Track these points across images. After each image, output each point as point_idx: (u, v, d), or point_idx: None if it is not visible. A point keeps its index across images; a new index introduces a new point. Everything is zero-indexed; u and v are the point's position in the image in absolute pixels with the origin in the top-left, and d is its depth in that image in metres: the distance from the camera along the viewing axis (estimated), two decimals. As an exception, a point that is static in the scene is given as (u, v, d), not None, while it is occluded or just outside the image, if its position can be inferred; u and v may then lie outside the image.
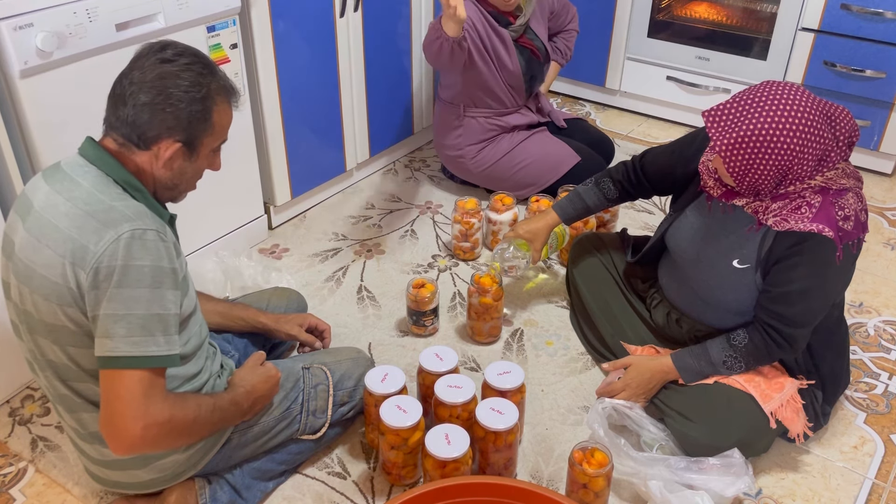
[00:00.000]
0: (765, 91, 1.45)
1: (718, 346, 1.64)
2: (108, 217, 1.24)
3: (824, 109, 1.46)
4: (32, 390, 1.88)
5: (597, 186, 1.95)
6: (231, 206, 2.31)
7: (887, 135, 2.76)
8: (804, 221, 1.48)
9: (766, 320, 1.58)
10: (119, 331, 1.23)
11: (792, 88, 1.45)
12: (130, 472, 1.45)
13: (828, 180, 1.49)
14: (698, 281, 1.70)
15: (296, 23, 2.27)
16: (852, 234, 1.49)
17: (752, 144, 1.43)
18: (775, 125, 1.41)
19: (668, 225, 1.79)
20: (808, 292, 1.52)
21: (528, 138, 2.59)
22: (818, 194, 1.49)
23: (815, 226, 1.47)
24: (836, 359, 1.71)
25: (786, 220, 1.50)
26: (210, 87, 1.31)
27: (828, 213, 1.48)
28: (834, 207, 1.48)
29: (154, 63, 1.27)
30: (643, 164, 1.88)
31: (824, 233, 1.46)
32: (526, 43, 2.49)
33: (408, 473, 1.62)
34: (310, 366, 1.65)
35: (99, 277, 1.22)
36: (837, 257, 1.48)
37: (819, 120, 1.43)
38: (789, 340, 1.57)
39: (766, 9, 2.91)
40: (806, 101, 1.43)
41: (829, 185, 1.49)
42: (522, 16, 2.45)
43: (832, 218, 1.47)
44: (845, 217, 1.48)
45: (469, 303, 2.00)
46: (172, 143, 1.30)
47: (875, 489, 1.66)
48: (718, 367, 1.64)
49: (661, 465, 1.55)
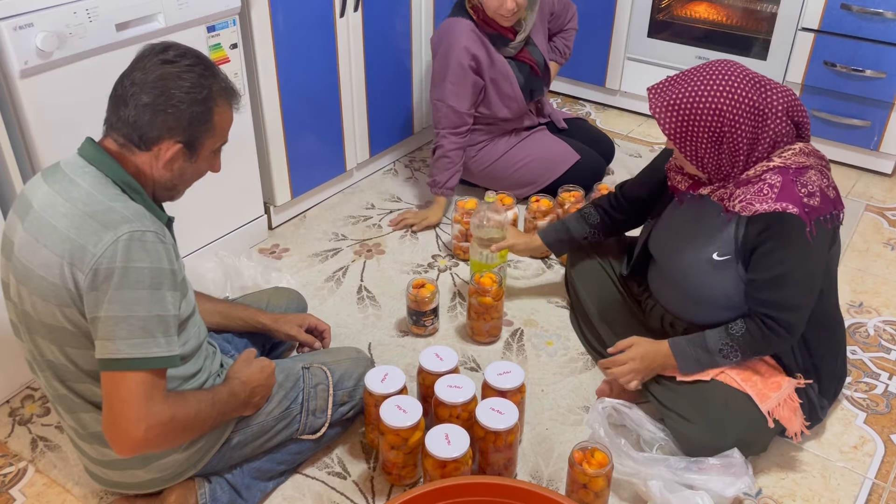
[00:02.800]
0: (702, 66, 1.56)
1: (716, 334, 1.64)
2: (108, 218, 1.24)
3: (755, 78, 1.53)
4: (32, 390, 1.88)
5: (579, 213, 2.00)
6: (231, 206, 2.31)
7: (887, 135, 2.76)
8: (768, 202, 1.50)
9: (759, 309, 1.58)
10: (120, 333, 1.23)
11: (725, 62, 1.55)
12: (130, 472, 1.45)
13: (785, 160, 1.52)
14: (684, 281, 1.71)
15: (296, 23, 2.27)
16: (821, 209, 1.50)
17: (682, 107, 1.51)
18: (701, 88, 1.50)
19: (647, 233, 1.83)
20: (791, 273, 1.52)
21: (528, 137, 2.60)
22: (778, 174, 1.52)
23: (778, 205, 1.49)
24: (832, 355, 1.71)
25: (751, 203, 1.52)
26: (211, 88, 1.31)
27: (790, 191, 1.50)
28: (796, 185, 1.50)
29: (156, 64, 1.28)
30: (622, 188, 1.96)
31: (788, 210, 1.48)
32: (526, 58, 2.47)
33: (408, 473, 1.62)
34: (310, 365, 1.65)
35: (98, 279, 1.22)
36: (808, 233, 1.49)
37: (748, 86, 1.50)
38: (785, 327, 1.56)
39: (766, 9, 2.91)
40: (735, 70, 1.53)
41: (787, 165, 1.52)
42: (522, 31, 2.43)
43: (795, 195, 1.49)
44: (809, 193, 1.50)
45: (469, 303, 2.00)
46: (173, 144, 1.30)
47: (875, 489, 1.66)
48: (714, 354, 1.63)
49: (661, 465, 1.55)
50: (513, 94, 2.46)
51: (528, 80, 2.48)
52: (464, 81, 2.36)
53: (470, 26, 2.34)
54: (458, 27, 2.34)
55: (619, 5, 3.11)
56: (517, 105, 2.49)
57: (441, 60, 2.37)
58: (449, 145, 2.43)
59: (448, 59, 2.34)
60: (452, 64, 2.33)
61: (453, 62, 2.33)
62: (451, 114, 2.39)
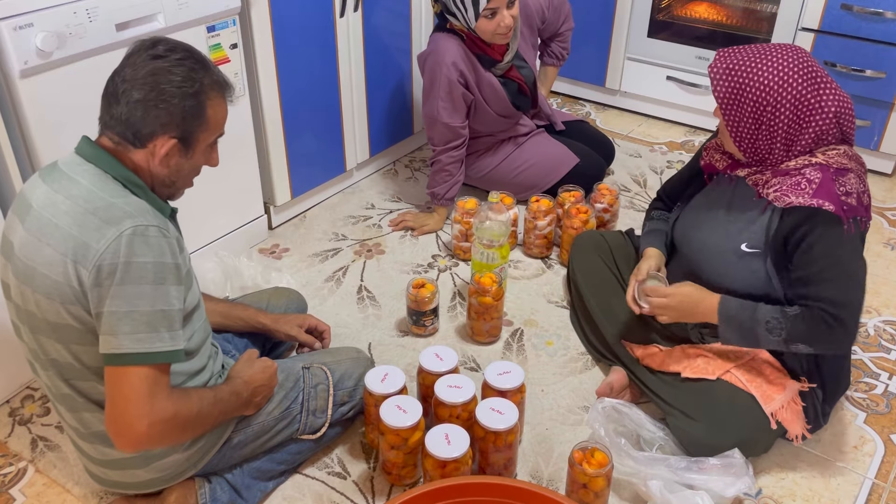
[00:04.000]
0: (773, 45, 1.55)
1: (769, 308, 1.58)
2: (110, 214, 1.24)
3: (815, 72, 1.52)
4: (32, 390, 1.88)
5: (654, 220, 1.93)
6: (231, 206, 2.31)
7: (887, 135, 2.76)
8: (804, 196, 1.49)
9: (813, 303, 1.52)
10: (124, 328, 1.23)
11: (796, 49, 1.54)
12: (130, 472, 1.45)
13: (828, 158, 1.51)
14: (707, 271, 1.69)
15: (296, 23, 2.27)
16: (857, 209, 1.49)
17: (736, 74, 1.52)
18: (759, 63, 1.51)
19: (675, 218, 1.82)
20: (837, 266, 1.50)
21: (526, 142, 2.59)
22: (818, 171, 1.51)
23: (815, 201, 1.48)
24: (837, 360, 1.70)
25: (786, 195, 1.51)
26: (203, 81, 1.30)
27: (828, 188, 1.48)
28: (835, 184, 1.49)
29: (146, 59, 1.27)
30: (664, 187, 1.97)
31: (825, 207, 1.47)
32: (514, 76, 2.44)
33: (408, 473, 1.62)
34: (310, 365, 1.65)
35: (101, 275, 1.22)
36: (846, 230, 1.47)
37: (802, 75, 1.51)
38: (841, 323, 1.50)
39: (766, 9, 2.91)
40: (799, 57, 1.52)
41: (829, 164, 1.51)
42: (510, 52, 2.38)
43: (833, 193, 1.48)
44: (846, 192, 1.49)
45: (469, 302, 2.00)
46: (167, 139, 1.29)
47: (875, 489, 1.66)
48: (760, 324, 1.56)
49: (661, 465, 1.55)
50: (501, 111, 2.44)
51: (515, 97, 2.46)
52: (454, 96, 2.33)
53: (457, 42, 2.31)
54: (446, 44, 2.30)
55: (619, 5, 3.11)
56: (506, 120, 2.49)
57: (429, 77, 2.35)
58: (447, 159, 2.42)
59: (436, 75, 2.31)
60: (441, 80, 2.30)
61: (442, 78, 2.30)
62: (446, 130, 2.38)
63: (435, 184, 2.47)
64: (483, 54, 2.34)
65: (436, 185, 2.47)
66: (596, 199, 2.44)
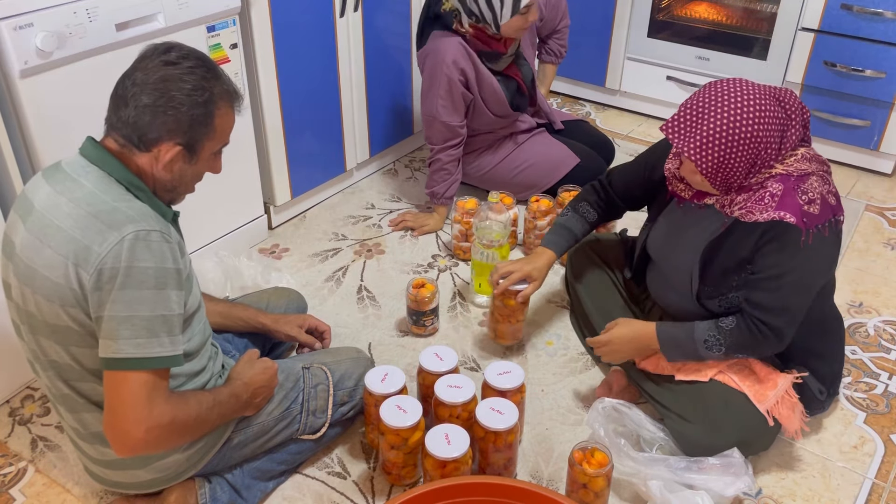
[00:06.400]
0: (713, 90, 1.49)
1: (705, 324, 1.63)
2: (112, 218, 1.24)
3: (772, 92, 1.50)
4: (32, 390, 1.88)
5: (576, 213, 1.95)
6: (231, 206, 2.31)
7: (887, 135, 2.76)
8: (767, 211, 1.50)
9: (749, 310, 1.57)
10: (123, 332, 1.23)
11: (737, 82, 1.50)
12: (130, 473, 1.45)
13: (788, 167, 1.52)
14: (681, 285, 1.71)
15: (296, 23, 2.27)
16: (820, 216, 1.50)
17: (719, 140, 1.46)
18: (735, 116, 1.45)
19: (646, 235, 1.82)
20: (783, 277, 1.52)
21: (527, 141, 2.59)
22: (779, 182, 1.51)
23: (777, 213, 1.49)
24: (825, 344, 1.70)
25: (751, 211, 1.52)
26: (213, 91, 1.30)
27: (791, 199, 1.50)
28: (797, 193, 1.50)
29: (158, 65, 1.27)
30: (610, 182, 1.92)
31: (786, 219, 1.48)
32: (514, 74, 2.45)
33: (408, 473, 1.62)
34: (310, 366, 1.65)
35: (102, 279, 1.22)
36: (803, 242, 1.48)
37: (771, 102, 1.48)
38: (773, 330, 1.55)
39: (766, 9, 2.91)
40: (755, 89, 1.49)
41: (790, 172, 1.51)
42: (514, 44, 2.38)
43: (795, 204, 1.49)
44: (809, 201, 1.50)
45: (493, 305, 1.96)
46: (173, 145, 1.29)
47: (875, 489, 1.66)
48: (698, 344, 1.62)
49: (661, 465, 1.55)
50: (498, 111, 2.44)
51: (513, 96, 2.46)
52: (454, 95, 2.32)
53: (458, 41, 2.30)
54: (446, 43, 2.30)
55: (619, 5, 3.11)
56: (504, 120, 2.49)
57: (429, 75, 2.34)
58: (446, 158, 2.42)
59: (437, 73, 2.30)
60: (441, 78, 2.30)
61: (442, 77, 2.29)
62: (444, 129, 2.37)
63: (434, 183, 2.47)
64: (487, 50, 2.34)
65: (434, 184, 2.47)
66: (596, 199, 2.43)
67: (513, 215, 2.36)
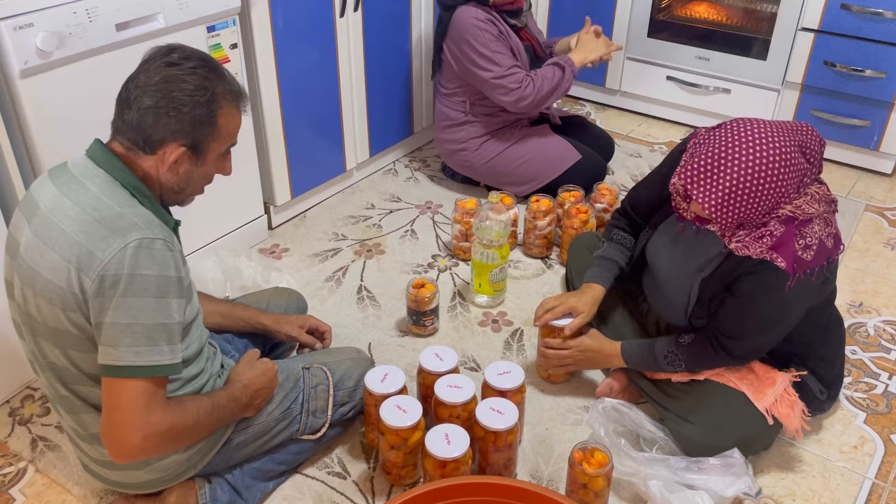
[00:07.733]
0: (735, 137, 1.43)
1: (665, 341, 1.67)
2: (117, 224, 1.24)
3: (794, 138, 1.45)
4: (32, 390, 1.88)
5: (612, 242, 1.89)
6: (231, 206, 2.31)
7: (887, 135, 2.76)
8: (762, 248, 1.48)
9: (713, 324, 1.62)
10: (124, 340, 1.23)
11: (760, 127, 1.43)
12: (130, 473, 1.45)
13: (795, 209, 1.48)
14: (673, 295, 1.72)
15: (296, 23, 2.27)
16: (812, 262, 1.48)
17: (739, 197, 1.42)
18: (757, 171, 1.40)
19: (645, 241, 1.81)
20: (751, 308, 1.54)
21: (530, 134, 2.60)
22: (783, 224, 1.48)
23: (769, 254, 1.47)
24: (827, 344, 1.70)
25: (746, 246, 1.50)
26: (215, 90, 1.30)
27: (788, 243, 1.47)
28: (795, 238, 1.47)
29: (160, 67, 1.27)
30: (631, 206, 1.88)
31: (776, 262, 1.47)
32: (528, 38, 2.52)
33: (408, 473, 1.62)
34: (310, 366, 1.65)
35: (104, 285, 1.22)
36: (788, 287, 1.48)
37: (793, 150, 1.43)
38: (728, 351, 1.60)
39: (766, 9, 2.91)
40: (778, 137, 1.42)
41: (795, 215, 1.48)
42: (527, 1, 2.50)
43: (791, 250, 1.47)
44: (806, 247, 1.47)
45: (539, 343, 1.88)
46: (177, 147, 1.29)
47: (875, 489, 1.66)
48: (660, 360, 1.67)
49: (661, 465, 1.55)
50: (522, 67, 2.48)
51: (532, 60, 2.52)
52: (500, 43, 2.39)
53: (481, 9, 2.38)
54: (467, 12, 2.38)
55: (619, 5, 3.11)
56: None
57: (468, 45, 2.39)
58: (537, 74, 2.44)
59: (474, 39, 2.37)
60: (481, 38, 2.37)
61: (480, 37, 2.37)
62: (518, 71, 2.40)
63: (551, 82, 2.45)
64: (509, 8, 2.43)
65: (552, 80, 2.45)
66: (596, 199, 2.44)
67: (513, 215, 2.36)
